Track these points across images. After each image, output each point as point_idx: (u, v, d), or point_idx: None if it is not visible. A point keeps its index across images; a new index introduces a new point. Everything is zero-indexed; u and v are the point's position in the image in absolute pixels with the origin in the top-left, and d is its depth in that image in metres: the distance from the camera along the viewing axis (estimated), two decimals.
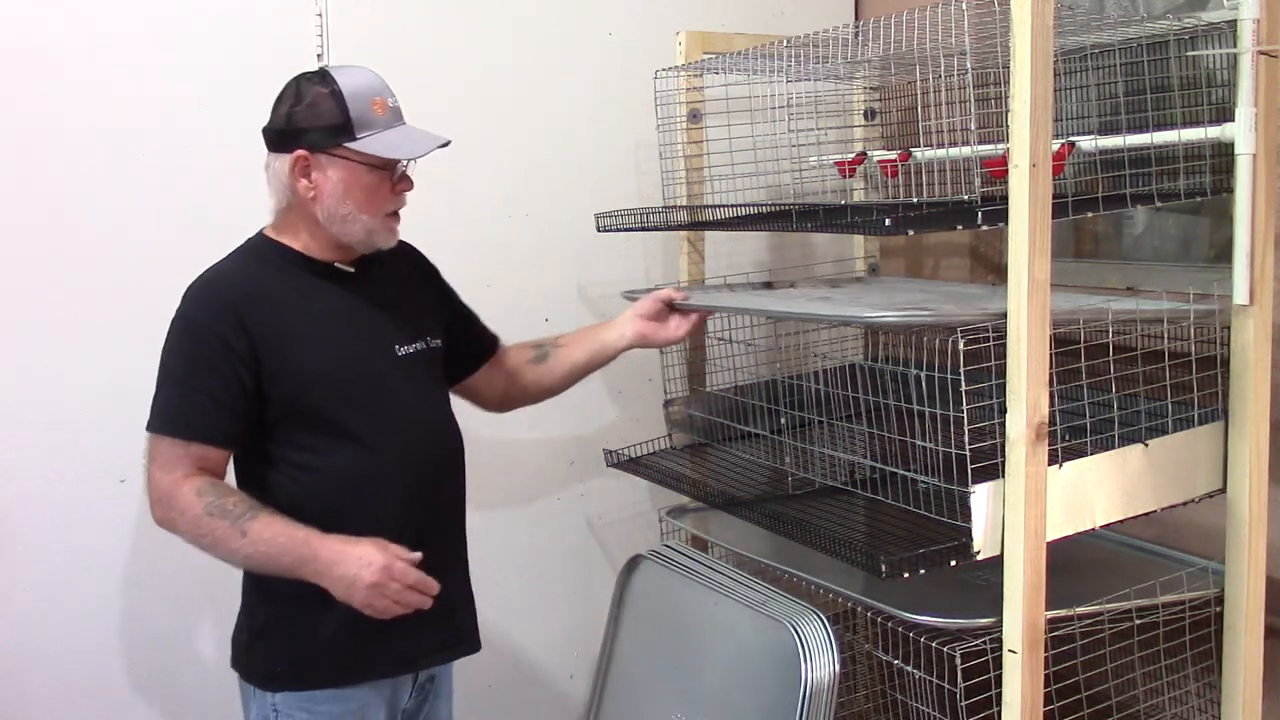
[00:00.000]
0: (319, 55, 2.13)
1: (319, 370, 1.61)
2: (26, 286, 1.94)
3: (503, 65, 2.32)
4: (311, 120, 1.59)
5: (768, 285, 2.25)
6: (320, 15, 2.13)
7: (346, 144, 1.59)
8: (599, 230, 2.18)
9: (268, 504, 1.55)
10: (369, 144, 1.59)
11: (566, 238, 2.40)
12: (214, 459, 1.58)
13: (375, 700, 1.66)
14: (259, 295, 1.60)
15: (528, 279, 2.37)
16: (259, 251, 1.68)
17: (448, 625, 1.72)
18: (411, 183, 1.69)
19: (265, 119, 1.68)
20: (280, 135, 1.62)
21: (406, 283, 1.81)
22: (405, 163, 1.66)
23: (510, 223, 2.36)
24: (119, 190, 1.99)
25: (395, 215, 1.69)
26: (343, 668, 1.62)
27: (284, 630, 1.62)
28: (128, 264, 2.00)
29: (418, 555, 1.54)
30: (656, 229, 2.21)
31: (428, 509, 1.69)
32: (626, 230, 2.17)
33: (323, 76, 1.62)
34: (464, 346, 1.90)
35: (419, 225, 2.23)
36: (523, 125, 2.35)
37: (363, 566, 1.49)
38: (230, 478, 1.65)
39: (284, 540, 1.51)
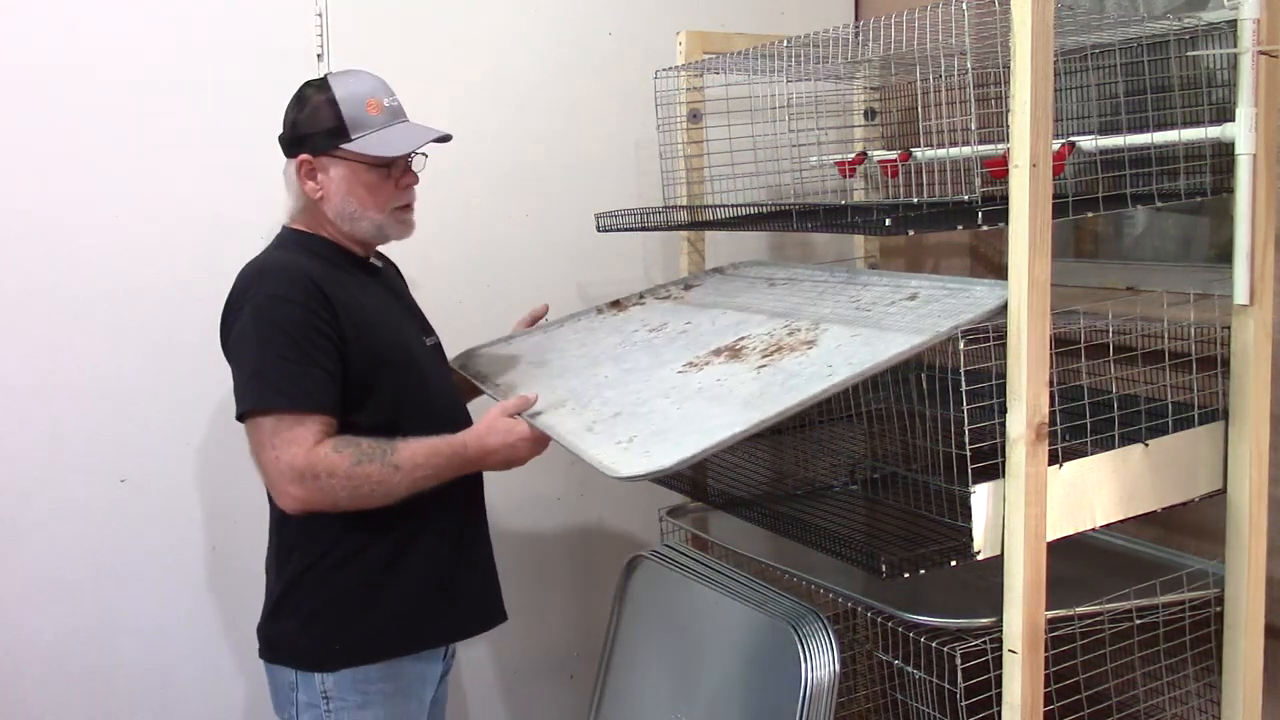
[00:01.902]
0: (319, 55, 2.13)
1: (387, 355, 1.66)
2: (27, 287, 1.94)
3: (503, 65, 2.32)
4: (311, 126, 1.68)
5: (615, 305, 2.18)
6: (320, 15, 2.14)
7: (343, 145, 1.67)
8: (599, 230, 2.18)
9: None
10: (363, 144, 1.67)
11: (566, 238, 2.40)
12: (330, 431, 1.58)
13: (420, 676, 1.72)
14: (329, 280, 1.64)
15: (528, 279, 2.37)
16: (303, 244, 1.72)
17: (488, 595, 1.82)
18: (415, 177, 1.76)
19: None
20: (287, 142, 1.72)
21: (402, 286, 1.95)
22: (413, 156, 1.74)
23: (510, 223, 2.36)
24: (119, 190, 1.99)
25: (406, 209, 1.76)
26: (401, 641, 1.69)
27: (341, 612, 1.66)
28: (128, 264, 2.00)
29: (530, 397, 1.70)
30: (656, 229, 2.21)
31: (471, 487, 1.77)
32: (626, 230, 2.17)
33: (322, 84, 1.70)
34: None
35: (420, 226, 2.24)
36: (523, 125, 2.35)
37: (507, 433, 1.63)
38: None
39: (428, 455, 1.59)
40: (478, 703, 2.40)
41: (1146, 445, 1.59)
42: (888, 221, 1.67)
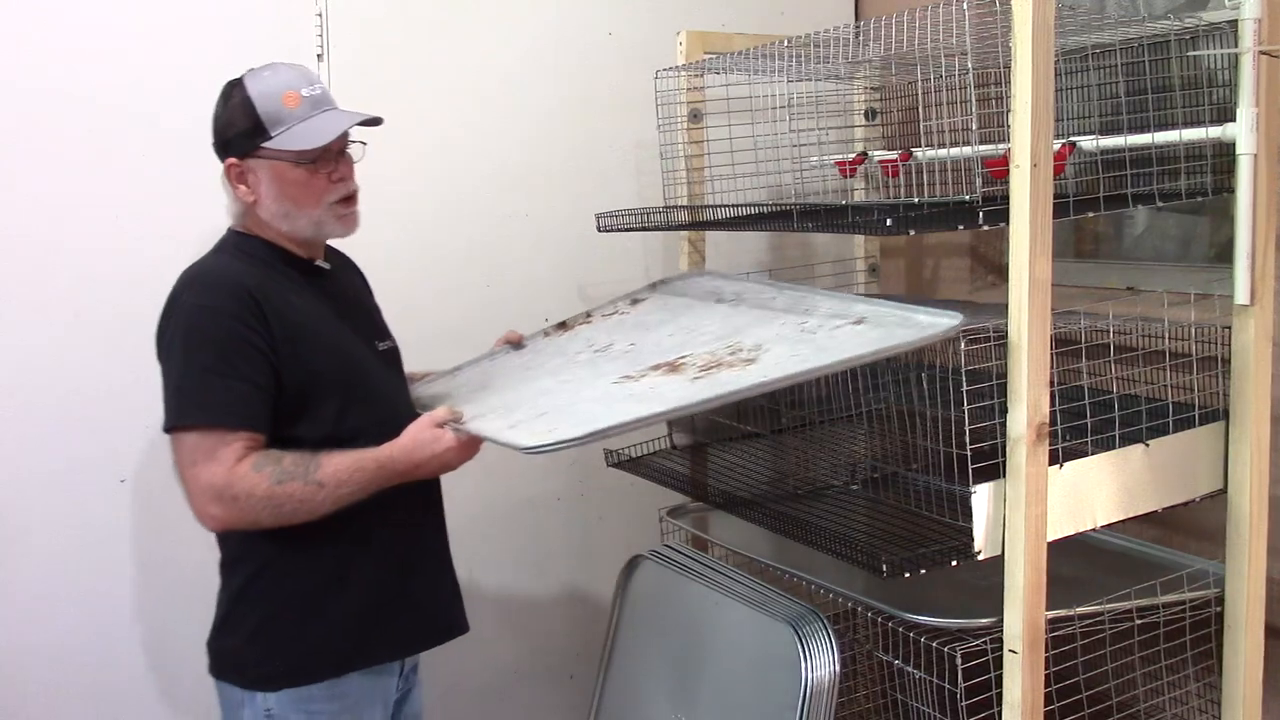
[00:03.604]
0: (319, 55, 2.13)
1: (325, 363, 1.61)
2: (26, 286, 1.94)
3: (503, 65, 2.32)
4: (231, 128, 1.61)
5: (561, 326, 2.08)
6: (320, 15, 2.13)
7: (264, 144, 1.60)
8: (599, 230, 2.18)
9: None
10: (283, 140, 1.60)
11: (566, 238, 2.40)
12: (256, 446, 1.53)
13: (369, 694, 1.67)
14: (265, 287, 1.59)
15: (528, 279, 2.37)
16: (244, 248, 1.66)
17: (443, 606, 1.76)
18: (350, 168, 1.68)
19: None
20: (215, 146, 1.65)
21: (361, 288, 1.87)
22: (348, 143, 1.66)
23: (510, 223, 2.36)
24: (119, 190, 1.99)
25: (346, 201, 1.67)
26: (346, 657, 1.63)
27: (283, 629, 1.61)
28: (128, 263, 2.00)
29: (444, 411, 1.62)
30: (657, 229, 2.21)
31: (424, 497, 1.73)
32: (626, 230, 2.17)
33: (238, 82, 1.63)
34: None
35: (420, 225, 2.24)
36: (523, 125, 2.35)
37: (433, 443, 1.57)
38: None
39: (352, 471, 1.53)
40: (478, 703, 2.40)
41: (1147, 445, 1.59)
42: (888, 221, 1.67)
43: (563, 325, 2.08)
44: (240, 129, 1.60)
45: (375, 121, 1.66)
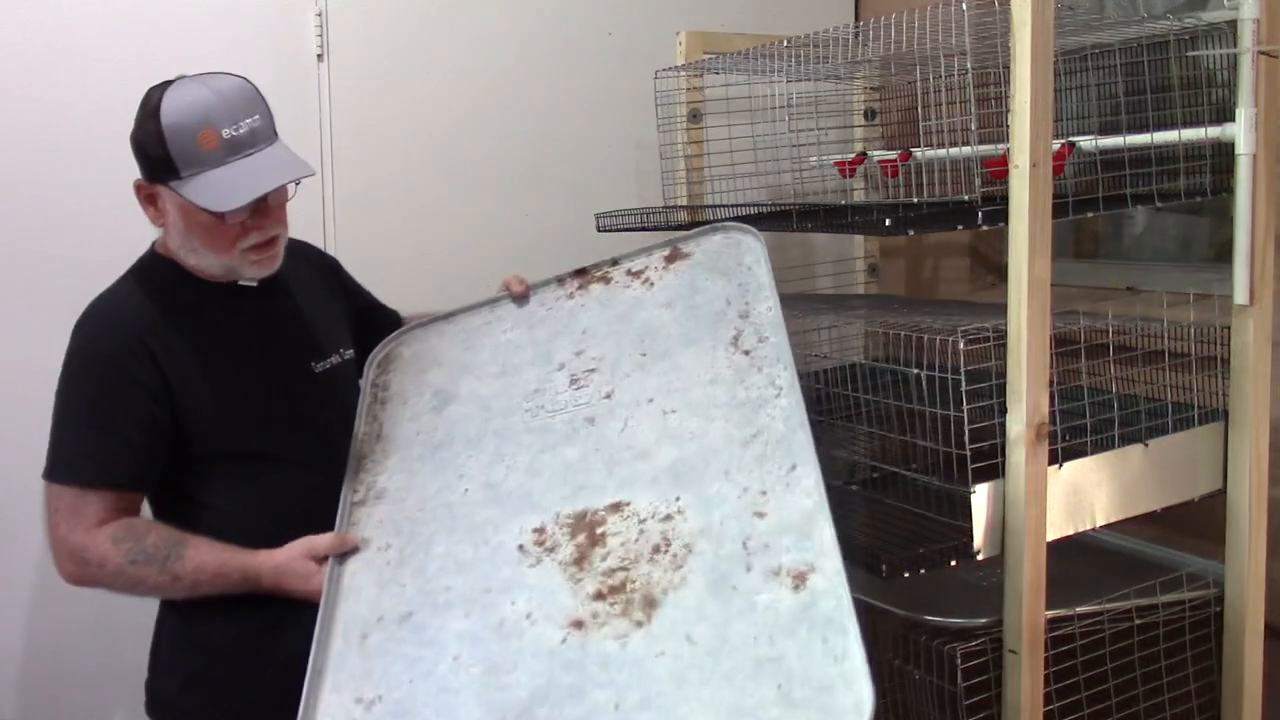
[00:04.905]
0: (319, 55, 2.13)
1: (237, 399, 1.49)
2: (28, 285, 1.94)
3: (503, 65, 2.33)
4: (141, 148, 1.46)
5: (581, 274, 1.86)
6: (320, 15, 2.14)
7: (172, 184, 1.43)
8: (599, 230, 2.18)
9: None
10: (192, 188, 1.41)
11: (566, 238, 2.40)
12: (128, 504, 1.45)
13: None
14: (162, 321, 1.47)
15: (527, 279, 2.37)
16: (151, 273, 1.53)
17: None
18: (272, 216, 1.50)
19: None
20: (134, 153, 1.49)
21: (311, 289, 1.69)
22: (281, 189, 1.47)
23: (510, 223, 2.36)
24: (120, 189, 1.98)
25: (264, 245, 1.50)
26: (293, 705, 1.43)
27: (224, 673, 1.51)
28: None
29: (328, 537, 1.47)
30: (657, 229, 2.20)
31: None
32: (626, 230, 2.17)
33: (158, 98, 1.45)
34: (376, 335, 1.79)
35: (420, 225, 2.23)
36: (523, 125, 2.35)
37: (304, 580, 1.43)
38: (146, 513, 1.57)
39: (215, 575, 1.42)
40: None
41: (1146, 445, 1.59)
42: (888, 221, 1.67)
43: (582, 273, 1.88)
44: (151, 155, 1.44)
45: (308, 173, 1.47)
